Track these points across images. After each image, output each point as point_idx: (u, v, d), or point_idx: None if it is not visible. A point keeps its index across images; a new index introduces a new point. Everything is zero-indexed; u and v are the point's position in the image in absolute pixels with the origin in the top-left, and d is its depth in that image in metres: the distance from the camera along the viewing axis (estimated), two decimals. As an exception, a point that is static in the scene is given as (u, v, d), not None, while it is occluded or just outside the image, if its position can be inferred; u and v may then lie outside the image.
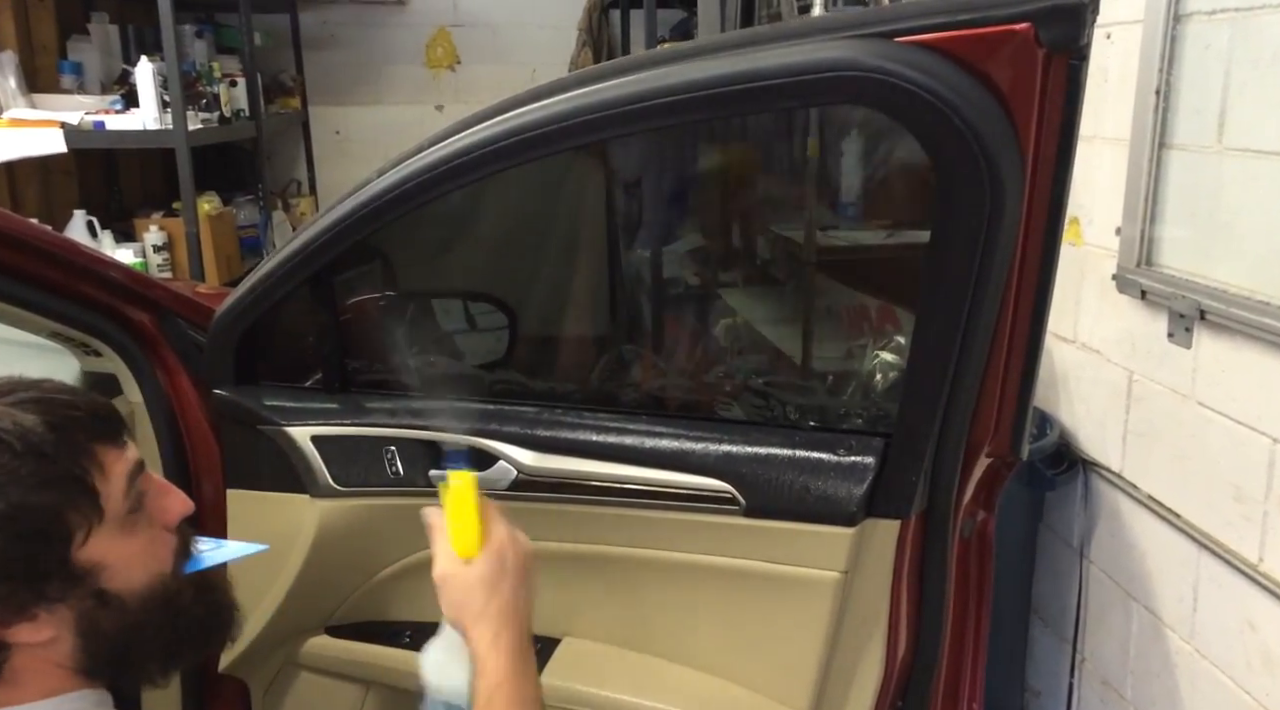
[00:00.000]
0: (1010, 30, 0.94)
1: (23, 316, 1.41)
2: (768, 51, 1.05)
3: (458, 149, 1.22)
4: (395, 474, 1.44)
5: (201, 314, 1.53)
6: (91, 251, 1.53)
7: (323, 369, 1.53)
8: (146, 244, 3.36)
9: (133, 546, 0.89)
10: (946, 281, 1.10)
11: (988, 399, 1.21)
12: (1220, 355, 1.68)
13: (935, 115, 0.97)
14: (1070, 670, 2.23)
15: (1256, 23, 1.58)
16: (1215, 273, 1.69)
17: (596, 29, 4.62)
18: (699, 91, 1.07)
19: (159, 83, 3.06)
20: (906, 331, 1.35)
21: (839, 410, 1.57)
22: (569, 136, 1.17)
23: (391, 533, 1.46)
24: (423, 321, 1.77)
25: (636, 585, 1.43)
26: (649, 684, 1.43)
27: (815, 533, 1.26)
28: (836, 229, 2.07)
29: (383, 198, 1.28)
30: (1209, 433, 1.72)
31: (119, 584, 0.88)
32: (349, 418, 1.47)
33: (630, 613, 1.45)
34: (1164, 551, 1.88)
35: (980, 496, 1.38)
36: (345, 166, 4.66)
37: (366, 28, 4.74)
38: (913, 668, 1.37)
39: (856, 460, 1.26)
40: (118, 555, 0.88)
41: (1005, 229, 1.05)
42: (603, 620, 1.47)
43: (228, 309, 1.47)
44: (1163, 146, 1.80)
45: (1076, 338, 2.13)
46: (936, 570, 1.31)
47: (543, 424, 1.40)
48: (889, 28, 0.99)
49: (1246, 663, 1.68)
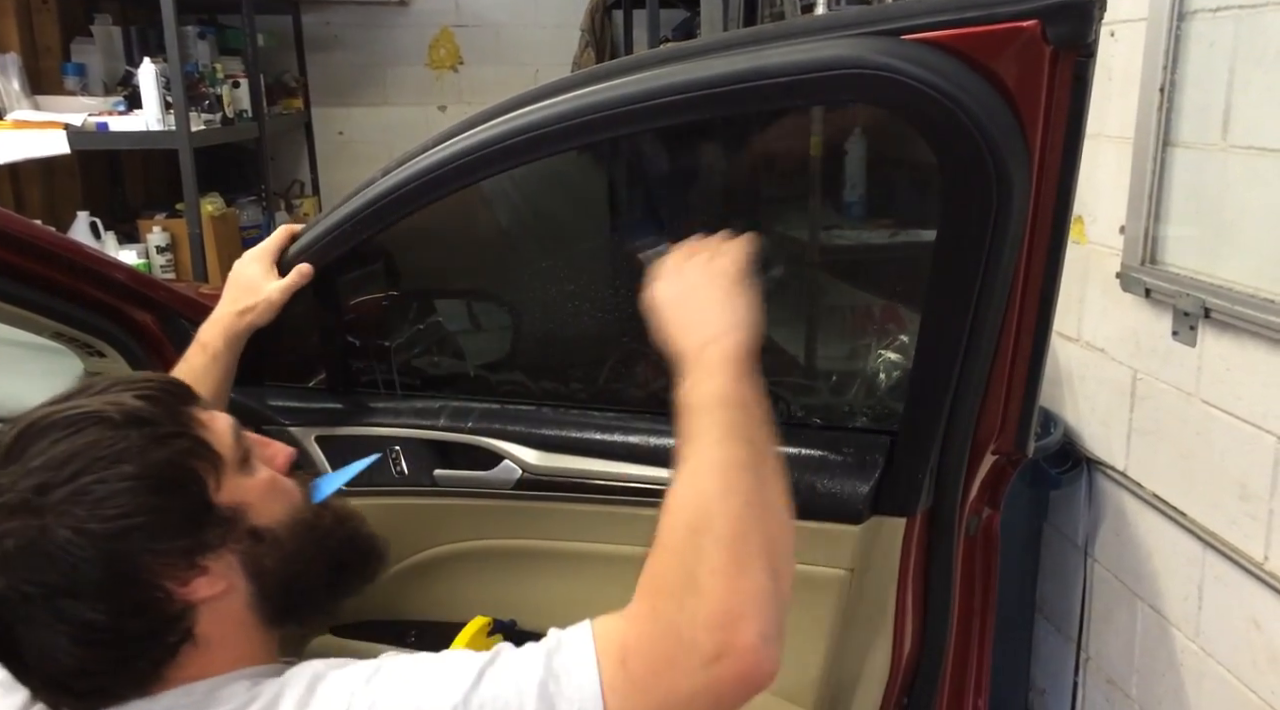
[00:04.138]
0: (1017, 27, 0.94)
1: (26, 317, 1.41)
2: (773, 50, 1.05)
3: (461, 149, 1.22)
4: (400, 474, 1.44)
5: (204, 315, 1.53)
6: (94, 252, 1.54)
7: (326, 369, 1.53)
8: (150, 245, 3.37)
9: (260, 486, 0.92)
10: (952, 279, 1.10)
11: (993, 397, 1.21)
12: (1225, 353, 1.68)
13: (942, 113, 0.97)
14: (1075, 668, 2.22)
15: (1261, 20, 1.58)
16: (1220, 271, 1.69)
17: (599, 29, 4.61)
18: (703, 90, 1.07)
19: (162, 84, 3.07)
20: (911, 330, 1.35)
21: (844, 408, 1.57)
22: (573, 136, 1.17)
23: (397, 532, 1.46)
24: (426, 321, 1.77)
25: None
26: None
27: (821, 530, 1.26)
28: (840, 228, 2.07)
29: (385, 199, 1.28)
30: (1214, 431, 1.72)
31: (265, 519, 0.90)
32: (353, 418, 1.47)
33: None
34: (1169, 550, 1.88)
35: (986, 494, 1.38)
36: (348, 167, 4.66)
37: (369, 28, 4.74)
38: (918, 665, 1.38)
39: (862, 458, 1.26)
40: (253, 493, 0.90)
41: (1011, 227, 1.05)
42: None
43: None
44: (1167, 144, 1.80)
45: (1081, 336, 2.13)
46: (942, 568, 1.31)
47: (548, 423, 1.40)
48: (895, 25, 0.99)
49: (1252, 661, 1.67)
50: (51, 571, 0.79)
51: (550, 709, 0.76)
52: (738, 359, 0.93)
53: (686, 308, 0.98)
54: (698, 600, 0.78)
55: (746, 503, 0.83)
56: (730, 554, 0.80)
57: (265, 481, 0.93)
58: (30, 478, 0.80)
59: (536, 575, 1.45)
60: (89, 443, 0.82)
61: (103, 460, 0.81)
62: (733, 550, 0.80)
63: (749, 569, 0.79)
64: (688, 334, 0.96)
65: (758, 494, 0.85)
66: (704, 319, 0.96)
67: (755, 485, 0.85)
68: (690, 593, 0.78)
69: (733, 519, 0.82)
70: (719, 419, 0.88)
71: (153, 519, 0.82)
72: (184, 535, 0.84)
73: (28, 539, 0.79)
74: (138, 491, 0.82)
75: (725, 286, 0.98)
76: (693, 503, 0.85)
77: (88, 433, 0.83)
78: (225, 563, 0.87)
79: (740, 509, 0.83)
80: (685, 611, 0.78)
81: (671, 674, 0.76)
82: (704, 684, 0.76)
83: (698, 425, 0.88)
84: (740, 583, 0.78)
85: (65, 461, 0.81)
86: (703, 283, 0.99)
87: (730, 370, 0.91)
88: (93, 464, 0.81)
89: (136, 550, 0.81)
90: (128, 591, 0.81)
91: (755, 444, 0.88)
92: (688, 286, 1.00)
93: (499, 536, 1.48)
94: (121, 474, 0.81)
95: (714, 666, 0.76)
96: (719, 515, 0.82)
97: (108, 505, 0.80)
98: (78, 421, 0.83)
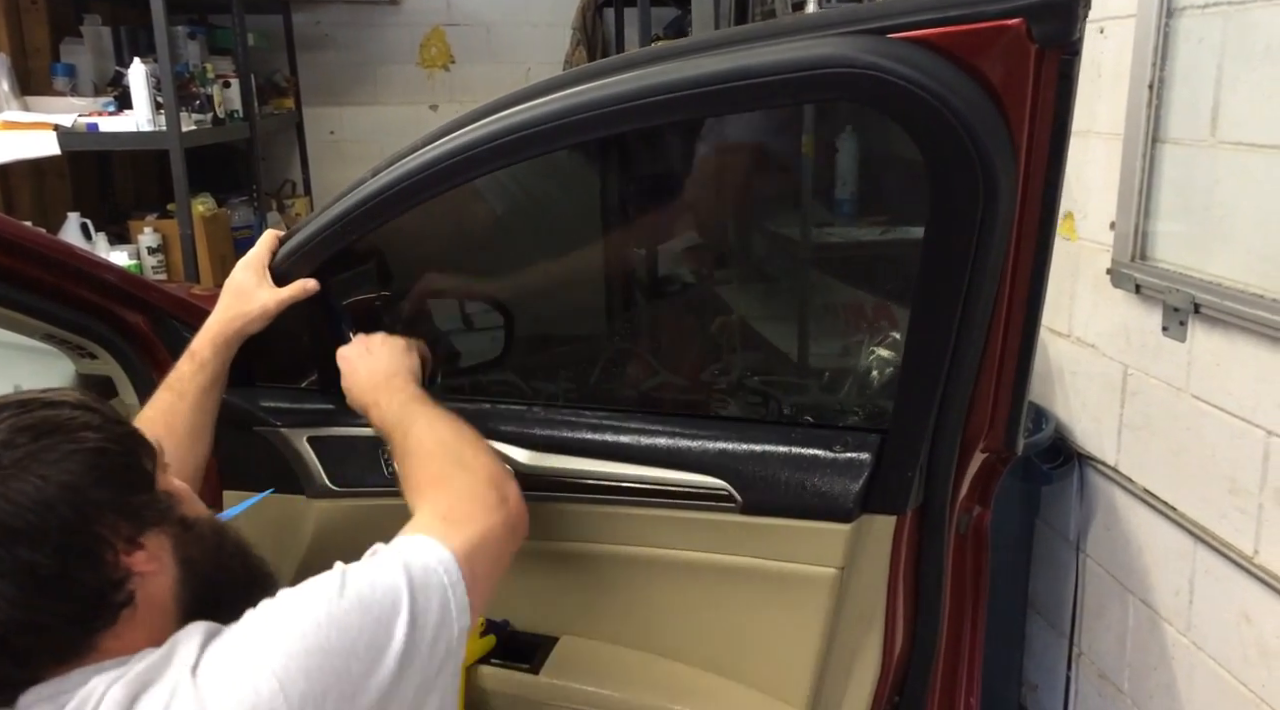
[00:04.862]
0: (1002, 26, 0.95)
1: (17, 319, 1.41)
2: (761, 49, 1.05)
3: (451, 148, 1.22)
4: (391, 474, 1.44)
5: (196, 316, 1.53)
6: (85, 254, 1.53)
7: (318, 370, 1.53)
8: (141, 246, 3.35)
9: (184, 488, 1.02)
10: (941, 277, 1.10)
11: (983, 394, 1.21)
12: (1214, 348, 1.69)
13: (928, 111, 0.97)
14: (1067, 664, 2.23)
15: (1249, 17, 1.59)
16: (1209, 266, 1.69)
17: (590, 27, 4.61)
18: (692, 89, 1.07)
19: (152, 84, 3.05)
20: (902, 328, 1.36)
21: (835, 406, 1.57)
22: (563, 135, 1.17)
23: (388, 533, 1.46)
24: (418, 321, 1.77)
25: (634, 583, 1.43)
26: (646, 682, 1.43)
27: (812, 529, 1.26)
28: (832, 226, 2.07)
29: (375, 199, 1.28)
30: (1204, 426, 1.73)
31: (191, 512, 1.00)
32: (345, 418, 1.47)
33: (628, 611, 1.45)
34: (1160, 545, 1.89)
35: (976, 491, 1.38)
36: (340, 167, 4.65)
37: (360, 28, 4.73)
38: (910, 663, 1.38)
39: (852, 456, 1.26)
40: (180, 491, 1.00)
41: (999, 224, 1.05)
42: (600, 618, 1.48)
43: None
44: (1156, 141, 1.81)
45: (1071, 332, 2.14)
46: (933, 565, 1.32)
47: (539, 423, 1.40)
48: (882, 24, 1.00)
49: (1243, 655, 1.68)
50: (13, 517, 0.84)
51: (409, 571, 0.95)
52: (404, 389, 1.30)
53: (360, 372, 1.35)
54: (473, 474, 1.14)
55: (457, 434, 1.22)
56: (469, 452, 1.19)
57: (187, 488, 1.03)
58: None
59: (529, 575, 1.45)
60: (50, 416, 0.90)
61: (63, 429, 0.89)
62: (471, 451, 1.19)
63: (482, 459, 1.19)
64: (365, 388, 1.34)
65: (457, 432, 1.22)
66: (373, 382, 1.33)
67: (454, 429, 1.23)
68: (466, 471, 1.15)
69: (458, 442, 1.20)
70: (410, 413, 1.25)
71: (108, 478, 0.89)
72: (132, 501, 0.91)
73: None
74: (95, 454, 0.89)
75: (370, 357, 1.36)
76: (431, 444, 1.20)
77: (46, 410, 0.90)
78: (159, 543, 0.94)
79: (457, 438, 1.21)
80: (467, 482, 1.13)
81: (475, 520, 1.07)
82: (497, 522, 1.09)
83: (401, 428, 1.23)
84: (481, 461, 1.18)
85: (28, 427, 0.88)
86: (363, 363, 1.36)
87: (404, 398, 1.29)
88: (54, 430, 0.89)
89: (92, 503, 0.87)
90: (82, 543, 0.87)
91: (442, 416, 1.25)
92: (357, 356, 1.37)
93: (491, 536, 1.48)
94: (79, 439, 0.89)
95: (501, 510, 1.10)
96: (449, 440, 1.20)
97: (68, 461, 0.87)
98: (33, 403, 0.91)
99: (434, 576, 0.97)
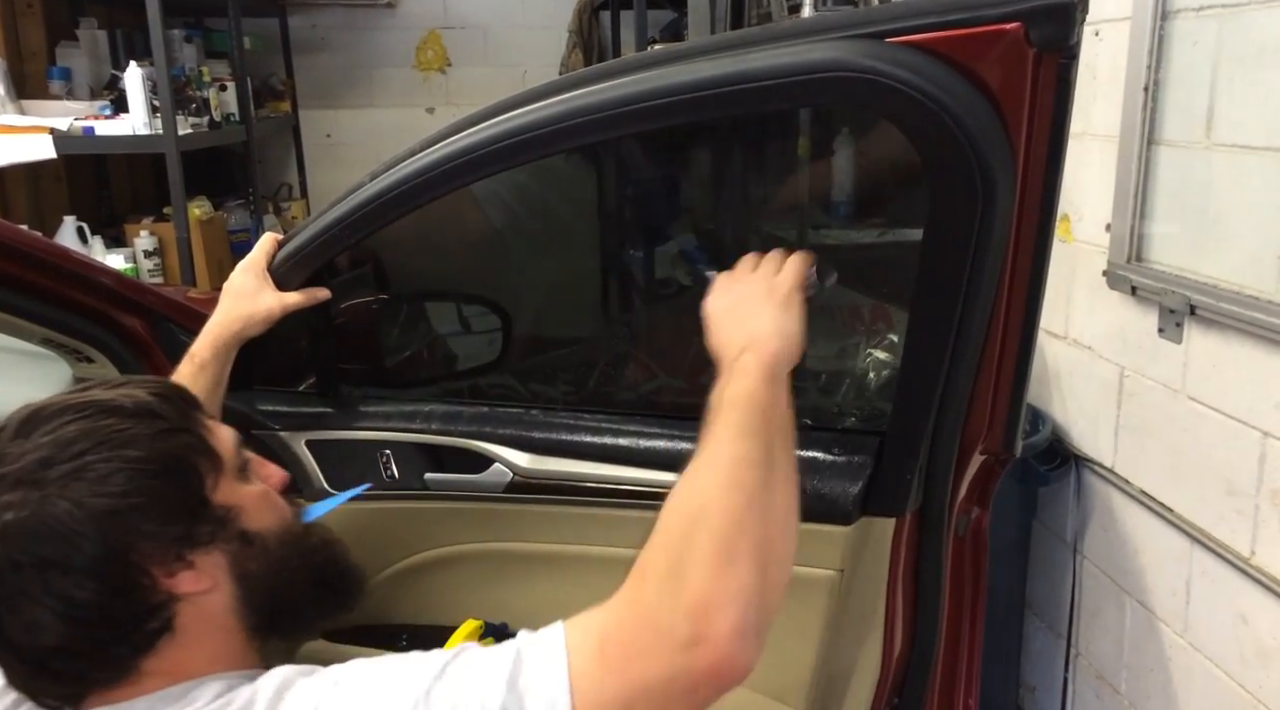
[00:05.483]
0: (1000, 30, 0.95)
1: (14, 324, 1.40)
2: (759, 53, 1.05)
3: (447, 153, 1.22)
4: (390, 477, 1.44)
5: (193, 319, 1.53)
6: (82, 257, 1.53)
7: (316, 373, 1.53)
8: (137, 249, 3.35)
9: (254, 494, 0.95)
10: (939, 280, 1.10)
11: (981, 396, 1.22)
12: (1211, 350, 1.69)
13: (926, 115, 0.97)
14: (1065, 665, 2.23)
15: (1243, 19, 1.59)
16: (1205, 268, 1.70)
17: (587, 30, 4.61)
18: (688, 94, 1.07)
19: (148, 88, 3.05)
20: (900, 330, 1.36)
21: (833, 409, 1.57)
22: (560, 140, 1.17)
23: (387, 536, 1.46)
24: (416, 324, 1.77)
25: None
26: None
27: (811, 531, 1.26)
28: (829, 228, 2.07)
29: (372, 204, 1.28)
30: (1200, 427, 1.73)
31: (256, 525, 0.93)
32: (343, 422, 1.47)
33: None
34: (1157, 546, 1.89)
35: (974, 493, 1.38)
36: (336, 170, 4.65)
37: (356, 31, 4.73)
38: (909, 664, 1.38)
39: (851, 459, 1.26)
40: (246, 498, 0.93)
41: (997, 227, 1.05)
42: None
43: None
44: (1152, 143, 1.81)
45: (1068, 334, 2.14)
46: (932, 567, 1.32)
47: (538, 426, 1.40)
48: (879, 28, 1.00)
49: (1240, 656, 1.68)
50: (46, 544, 0.81)
51: (518, 697, 0.76)
52: (770, 365, 0.96)
53: (733, 318, 1.03)
54: (680, 586, 0.77)
55: (749, 499, 0.83)
56: (721, 546, 0.79)
57: (260, 492, 0.96)
58: (36, 453, 0.83)
59: (528, 578, 1.45)
60: (98, 427, 0.85)
61: (109, 443, 0.84)
62: (724, 543, 0.79)
63: (737, 563, 0.78)
64: (730, 341, 1.00)
65: (762, 493, 0.84)
66: (746, 328, 1.01)
67: (761, 484, 0.85)
68: (674, 579, 0.78)
69: (730, 512, 0.81)
70: (738, 417, 0.90)
71: (149, 502, 0.84)
72: (177, 524, 0.86)
73: (26, 510, 0.81)
74: (138, 475, 0.84)
75: (772, 299, 1.04)
76: (695, 493, 0.85)
77: (98, 418, 0.85)
78: (213, 561, 0.89)
79: (740, 504, 0.82)
80: (666, 597, 0.78)
81: (644, 660, 0.76)
82: (676, 671, 0.75)
83: (719, 422, 0.90)
84: (725, 573, 0.78)
85: (72, 441, 0.83)
86: (751, 296, 1.05)
87: (759, 374, 0.94)
88: (99, 445, 0.84)
89: (130, 530, 0.83)
90: (116, 571, 0.83)
91: (770, 446, 0.88)
92: (737, 299, 1.06)
93: (490, 540, 1.48)
94: (125, 457, 0.84)
95: (687, 653, 0.75)
96: (718, 507, 0.82)
97: (108, 483, 0.83)
98: (89, 407, 0.86)
99: None
